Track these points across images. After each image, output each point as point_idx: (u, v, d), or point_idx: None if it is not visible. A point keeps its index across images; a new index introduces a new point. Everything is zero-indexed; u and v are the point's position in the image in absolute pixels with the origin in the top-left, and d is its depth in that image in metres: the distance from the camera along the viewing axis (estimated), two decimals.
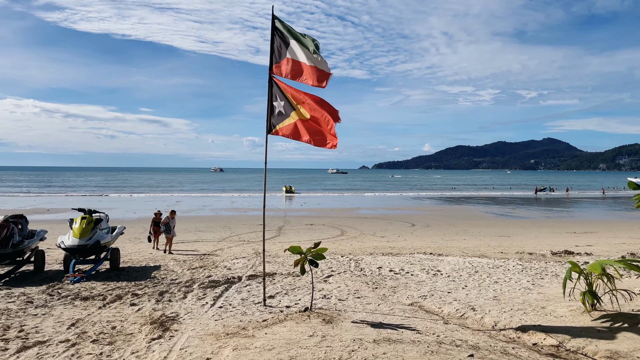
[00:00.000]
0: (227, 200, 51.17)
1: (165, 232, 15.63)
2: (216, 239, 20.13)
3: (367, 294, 8.53)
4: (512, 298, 8.09)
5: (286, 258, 13.93)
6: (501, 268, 11.93)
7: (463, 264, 12.42)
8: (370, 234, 22.24)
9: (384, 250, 16.33)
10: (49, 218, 30.36)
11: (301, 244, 18.95)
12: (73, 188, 79.24)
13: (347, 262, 12.59)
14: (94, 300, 8.22)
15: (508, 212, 37.81)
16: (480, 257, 14.26)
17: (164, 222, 15.77)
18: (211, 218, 31.04)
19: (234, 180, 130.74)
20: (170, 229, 15.66)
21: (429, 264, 12.46)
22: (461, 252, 15.80)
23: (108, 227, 12.79)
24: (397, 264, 12.36)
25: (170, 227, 15.67)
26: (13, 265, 11.27)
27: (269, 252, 15.55)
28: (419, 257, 13.81)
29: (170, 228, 15.66)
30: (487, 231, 24.02)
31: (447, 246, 17.90)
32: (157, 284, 9.85)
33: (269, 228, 24.64)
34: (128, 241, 19.40)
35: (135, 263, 13.05)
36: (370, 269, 11.53)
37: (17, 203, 45.46)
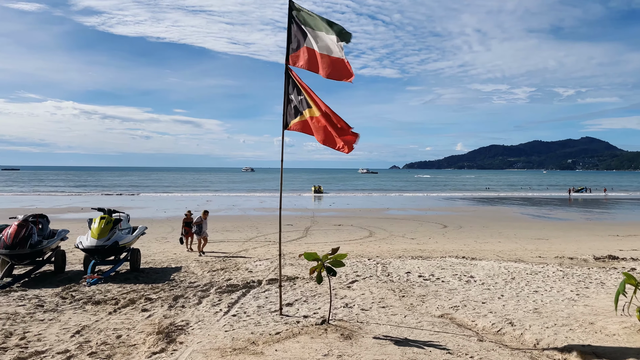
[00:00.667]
0: (256, 200, 51.06)
1: (196, 232, 15.25)
2: (242, 239, 19.78)
3: (393, 302, 7.89)
4: (555, 311, 7.31)
5: (309, 262, 13.37)
6: (540, 274, 11.08)
7: (498, 270, 11.61)
8: (400, 236, 21.50)
9: (414, 253, 15.61)
10: (82, 216, 30.68)
11: (327, 245, 18.48)
12: (108, 187, 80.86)
13: (373, 266, 11.95)
14: (105, 304, 7.87)
15: (545, 214, 36.32)
16: (517, 262, 13.39)
17: (196, 222, 15.42)
18: (239, 218, 30.81)
19: (264, 180, 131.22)
20: (202, 229, 15.26)
21: (461, 269, 11.71)
22: (496, 256, 14.94)
23: (129, 227, 12.53)
24: (427, 268, 11.66)
25: (202, 227, 15.28)
26: (33, 265, 11.11)
27: (293, 254, 15.06)
28: (451, 261, 13.05)
29: (202, 229, 15.27)
30: (523, 233, 22.93)
31: (480, 249, 17.03)
32: (174, 287, 9.46)
33: (296, 229, 24.20)
34: (155, 241, 19.27)
35: (157, 264, 12.76)
36: (398, 273, 10.86)
37: (54, 202, 46.46)
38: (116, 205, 42.58)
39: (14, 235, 10.15)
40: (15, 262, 10.43)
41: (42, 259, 11.30)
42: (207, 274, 11.04)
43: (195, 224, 15.37)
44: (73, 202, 45.36)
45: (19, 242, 10.11)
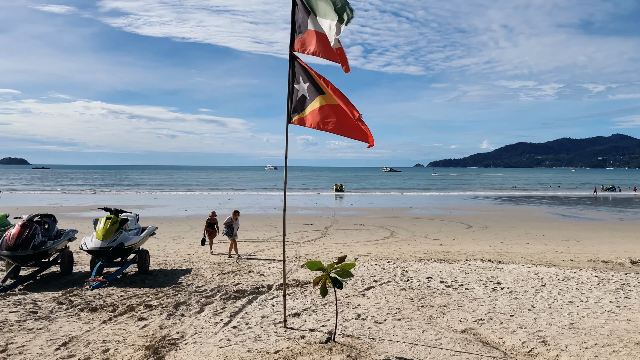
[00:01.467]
0: (277, 199, 50.69)
1: (227, 234, 14.49)
2: (259, 239, 19.28)
3: (411, 314, 7.16)
4: (594, 327, 6.49)
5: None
6: (573, 280, 10.21)
7: (527, 275, 10.77)
8: (422, 236, 20.69)
9: (436, 255, 14.83)
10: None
11: (346, 246, 17.81)
12: (132, 186, 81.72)
13: (392, 270, 11.23)
14: (102, 311, 7.38)
15: (574, 213, 34.91)
16: (547, 266, 12.50)
17: (227, 223, 14.57)
18: (259, 217, 30.38)
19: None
20: (232, 231, 14.50)
21: (487, 273, 10.91)
22: (524, 259, 14.05)
23: (138, 227, 12.08)
24: (450, 273, 10.89)
25: (232, 229, 14.51)
26: (38, 267, 10.76)
27: (310, 255, 14.45)
28: (476, 265, 12.24)
29: (232, 230, 14.50)
30: (552, 234, 21.86)
31: (507, 251, 16.14)
32: (179, 291, 8.94)
33: (316, 228, 23.62)
34: (171, 240, 18.94)
35: (168, 265, 12.31)
36: (419, 278, 10.12)
37: (78, 200, 46.97)
38: (138, 204, 43.01)
39: (16, 236, 9.79)
40: (19, 264, 10.08)
41: (47, 260, 10.95)
42: (216, 277, 10.50)
43: (226, 225, 14.58)
44: (97, 201, 45.73)
45: (22, 243, 9.74)
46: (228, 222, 14.59)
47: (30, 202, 42.56)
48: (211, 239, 15.26)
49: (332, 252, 15.50)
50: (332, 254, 14.82)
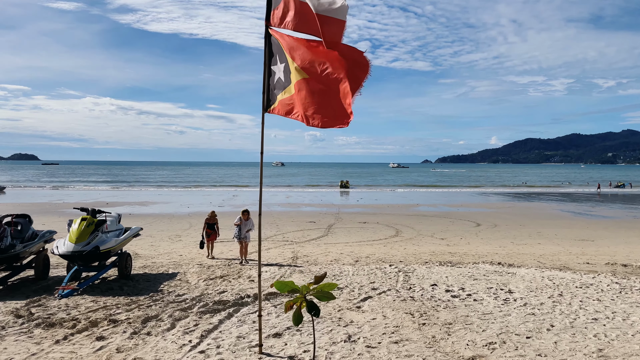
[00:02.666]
0: (282, 195, 49.84)
1: (236, 236, 13.06)
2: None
3: (411, 333, 6.20)
4: (628, 355, 5.49)
5: (322, 268, 11.79)
6: (592, 288, 9.23)
7: (541, 281, 9.80)
8: (429, 235, 19.73)
9: (442, 257, 13.88)
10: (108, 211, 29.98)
11: (348, 246, 16.89)
12: (138, 182, 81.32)
13: (394, 275, 10.30)
14: (60, 328, 6.50)
15: (587, 211, 33.72)
16: (562, 270, 11.52)
17: (236, 223, 13.14)
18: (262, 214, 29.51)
19: (293, 174, 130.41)
20: (240, 232, 13.00)
21: (497, 279, 9.95)
22: (537, 262, 13.07)
23: (120, 228, 11.20)
24: (457, 279, 9.94)
25: (242, 231, 13.01)
26: (10, 271, 9.96)
27: (307, 257, 13.56)
28: (485, 269, 11.28)
29: (242, 232, 12.99)
30: (564, 233, 20.80)
31: (518, 252, 15.16)
32: (155, 301, 8.07)
33: (318, 226, 22.72)
34: (167, 239, 18.15)
35: (155, 268, 11.46)
36: (422, 286, 9.17)
37: (83, 196, 46.46)
38: (141, 200, 42.37)
39: None
40: None
41: (20, 264, 10.15)
42: (202, 283, 9.62)
43: (236, 226, 13.16)
44: (101, 197, 45.19)
45: None
46: (237, 222, 13.18)
47: (33, 199, 42.07)
48: (210, 241, 13.84)
49: (332, 252, 14.60)
50: (331, 255, 13.93)
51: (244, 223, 13.11)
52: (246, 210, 13.43)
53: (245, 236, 12.99)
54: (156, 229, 21.42)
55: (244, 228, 13.07)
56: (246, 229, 13.07)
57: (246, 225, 13.13)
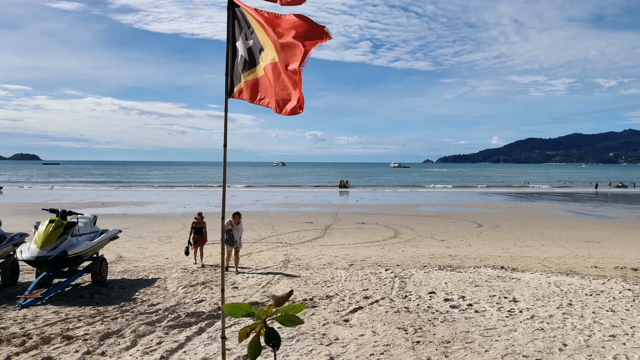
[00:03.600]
0: (281, 195, 49.24)
1: (227, 242, 11.58)
2: (252, 239, 17.80)
3: (402, 354, 5.46)
4: None
5: (313, 272, 11.12)
6: (604, 296, 8.59)
7: (548, 288, 9.16)
8: (428, 237, 19.10)
9: (442, 260, 13.25)
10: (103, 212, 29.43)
11: (344, 248, 16.24)
12: (137, 182, 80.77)
13: (389, 281, 9.66)
14: (6, 345, 5.82)
15: (590, 211, 33.05)
16: (569, 275, 10.89)
17: (227, 228, 11.55)
18: (258, 214, 28.88)
19: (293, 174, 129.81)
20: (232, 238, 11.69)
21: (500, 286, 9.31)
22: (542, 266, 12.43)
23: (96, 230, 10.45)
24: (457, 285, 9.30)
25: (233, 236, 11.71)
26: None
27: (300, 261, 12.93)
28: (487, 274, 10.64)
29: (232, 237, 11.69)
30: (569, 234, 20.15)
31: (522, 255, 14.52)
32: (124, 312, 7.38)
33: (315, 227, 22.10)
34: (157, 240, 17.56)
35: (135, 274, 10.81)
36: (419, 294, 8.52)
37: (79, 196, 45.91)
38: (138, 200, 41.77)
39: None
40: None
41: None
42: (180, 290, 8.97)
43: (226, 231, 11.60)
44: (98, 197, 44.60)
45: None
46: (227, 227, 11.71)
47: (28, 199, 41.54)
48: (197, 247, 12.55)
49: (326, 255, 13.97)
50: (325, 259, 13.30)
51: (235, 228, 11.81)
52: (237, 213, 11.99)
53: (236, 241, 11.75)
54: (148, 230, 20.82)
55: (235, 232, 11.79)
56: (239, 234, 11.88)
57: (237, 229, 11.86)
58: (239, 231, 11.90)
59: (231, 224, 11.80)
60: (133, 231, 20.46)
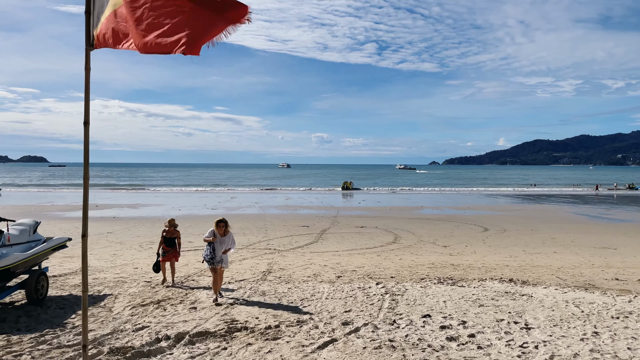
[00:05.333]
0: (282, 197, 47.95)
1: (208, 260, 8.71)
2: (240, 245, 16.46)
3: None
4: None
5: (293, 287, 9.68)
6: (633, 319, 7.17)
7: (565, 308, 7.73)
8: (430, 242, 17.67)
9: (443, 270, 11.83)
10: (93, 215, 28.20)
11: (337, 255, 14.81)
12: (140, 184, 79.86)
13: (378, 299, 8.25)
14: None
15: (602, 214, 31.48)
16: (588, 290, 9.45)
17: (207, 239, 8.80)
18: (253, 217, 27.54)
19: (298, 176, 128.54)
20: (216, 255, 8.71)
21: (509, 306, 7.89)
22: (555, 278, 10.99)
23: (38, 238, 8.91)
24: (458, 305, 7.89)
25: (217, 251, 8.72)
26: None
27: (283, 272, 11.54)
28: (493, 290, 9.22)
29: (216, 254, 8.71)
30: (582, 240, 18.66)
31: (532, 264, 13.08)
32: (37, 345, 5.81)
33: (311, 231, 20.73)
34: (137, 246, 16.26)
35: (90, 287, 9.39)
36: (410, 318, 7.07)
37: (75, 198, 44.85)
38: (134, 202, 40.56)
39: None
40: None
41: None
42: (126, 312, 7.52)
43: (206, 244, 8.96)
44: (94, 199, 43.44)
45: None
46: (207, 238, 8.83)
47: (23, 201, 40.71)
48: (167, 261, 10.10)
49: (315, 264, 12.58)
50: (312, 269, 11.90)
51: (219, 240, 8.76)
52: (223, 221, 8.86)
53: (221, 259, 8.76)
54: (132, 234, 19.56)
55: (219, 247, 8.75)
56: (223, 248, 8.77)
57: (223, 242, 8.78)
58: (225, 244, 8.81)
59: (214, 235, 8.77)
60: (116, 235, 19.21)
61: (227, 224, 8.88)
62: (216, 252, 8.73)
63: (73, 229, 21.32)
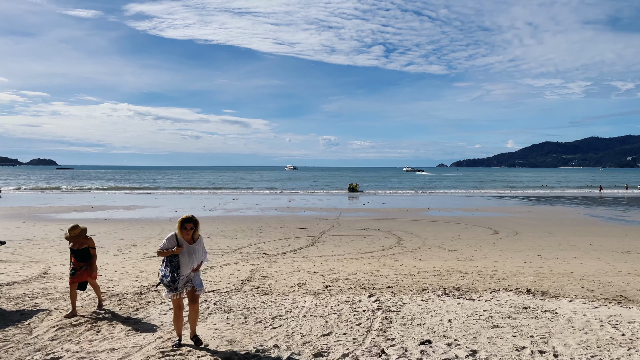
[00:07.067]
0: (285, 199, 46.52)
1: (172, 286, 5.85)
2: (228, 248, 15.07)
3: None
4: None
5: (269, 300, 8.21)
6: None
7: (601, 330, 6.21)
8: (436, 246, 16.14)
9: (449, 279, 10.31)
10: (84, 217, 26.96)
11: (331, 260, 13.24)
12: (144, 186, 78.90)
13: (367, 318, 6.74)
14: None
15: (619, 215, 29.74)
16: (623, 305, 7.90)
17: (165, 251, 5.86)
18: (251, 219, 26.13)
19: (304, 178, 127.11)
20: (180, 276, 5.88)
21: (530, 326, 6.38)
22: (580, 288, 9.44)
23: None
24: (466, 325, 6.38)
25: (182, 269, 5.90)
26: None
27: (264, 280, 10.07)
28: (509, 304, 7.70)
29: (180, 273, 5.88)
30: (601, 243, 17.05)
31: (551, 271, 11.52)
32: None
33: (309, 233, 19.28)
34: (116, 251, 14.98)
35: (26, 301, 7.89)
36: (404, 346, 5.51)
37: (74, 199, 43.91)
38: (131, 204, 39.33)
39: None
40: None
41: None
42: (48, 334, 6.01)
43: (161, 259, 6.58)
44: (91, 200, 42.36)
45: None
46: (167, 248, 5.87)
47: (20, 202, 39.75)
48: (78, 282, 7.48)
49: (303, 271, 11.11)
50: (299, 277, 10.43)
51: (186, 249, 5.88)
52: (191, 220, 5.91)
53: (188, 281, 5.96)
54: (117, 237, 18.20)
55: (186, 261, 5.90)
56: (193, 262, 5.96)
57: (192, 254, 5.93)
58: (195, 256, 5.96)
59: (176, 241, 5.88)
60: (99, 238, 17.85)
61: (196, 225, 5.93)
62: (181, 270, 5.82)
63: (57, 230, 20.09)
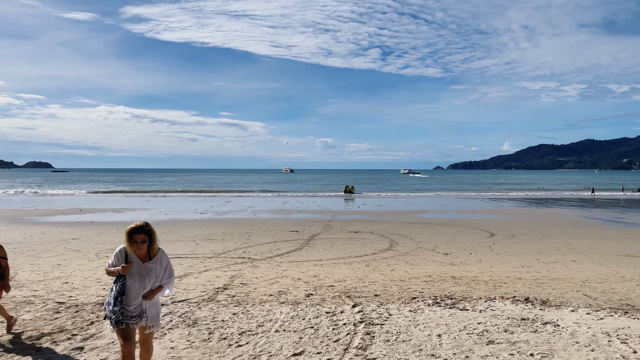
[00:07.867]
0: (279, 201, 45.80)
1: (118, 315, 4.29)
2: (212, 252, 14.36)
3: None
4: None
5: (242, 310, 7.46)
6: None
7: (609, 346, 5.53)
8: (429, 249, 15.46)
9: (441, 285, 9.62)
10: (70, 220, 26.12)
11: (318, 265, 12.50)
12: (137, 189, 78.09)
13: (347, 333, 6.03)
14: None
15: (617, 218, 29.17)
16: (630, 315, 7.23)
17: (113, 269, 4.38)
18: (241, 221, 25.39)
19: (300, 180, 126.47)
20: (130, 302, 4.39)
21: (529, 341, 5.69)
22: (582, 295, 8.77)
23: None
24: (457, 341, 5.69)
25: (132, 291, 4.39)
26: None
27: (243, 287, 9.35)
28: (506, 314, 7.01)
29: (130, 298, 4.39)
30: (601, 246, 16.41)
31: (550, 276, 10.86)
32: None
33: (300, 236, 18.59)
34: (93, 256, 14.17)
35: None
36: None
37: (62, 202, 43.08)
38: (120, 207, 38.53)
39: None
40: None
41: None
42: None
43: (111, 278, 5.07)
44: (80, 203, 41.52)
45: None
46: (114, 267, 4.42)
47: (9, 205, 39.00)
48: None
49: (286, 277, 10.40)
50: (281, 283, 9.72)
51: (136, 268, 4.39)
52: (142, 230, 4.37)
53: (141, 312, 4.44)
54: (99, 241, 17.43)
55: (136, 285, 4.40)
56: (145, 286, 4.44)
57: (144, 275, 4.42)
58: (149, 278, 4.44)
59: (125, 256, 4.44)
60: (78, 242, 17.12)
61: (151, 236, 4.41)
62: (129, 296, 4.36)
63: (38, 234, 19.36)
